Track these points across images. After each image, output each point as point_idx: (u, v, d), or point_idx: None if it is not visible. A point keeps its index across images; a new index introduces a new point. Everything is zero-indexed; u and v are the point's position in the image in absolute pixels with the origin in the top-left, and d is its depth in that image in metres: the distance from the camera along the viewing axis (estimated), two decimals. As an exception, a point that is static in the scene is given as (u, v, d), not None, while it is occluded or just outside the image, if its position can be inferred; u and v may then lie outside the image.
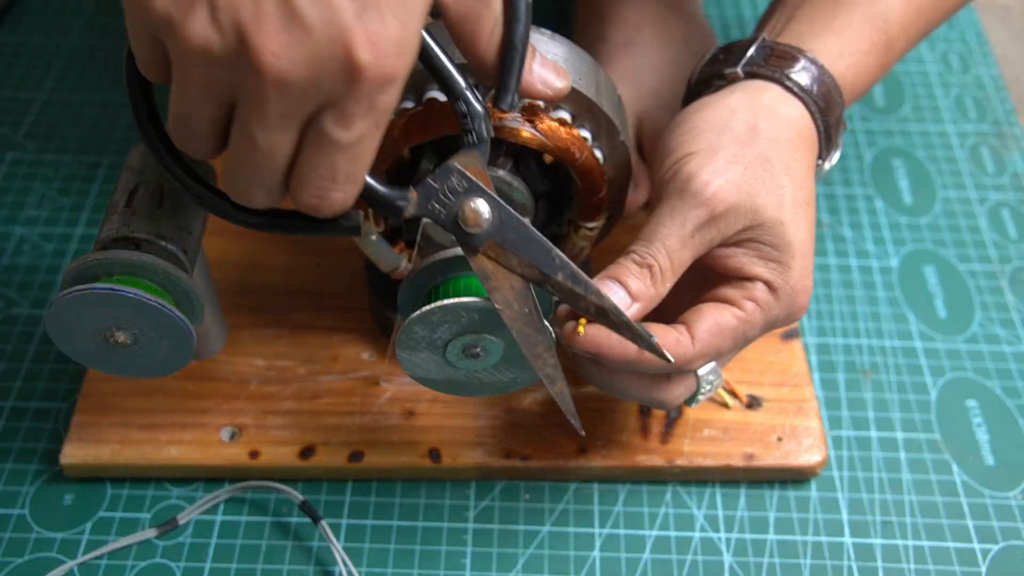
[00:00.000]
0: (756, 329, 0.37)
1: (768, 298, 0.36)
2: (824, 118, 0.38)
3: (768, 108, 0.37)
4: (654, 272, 0.35)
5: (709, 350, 0.36)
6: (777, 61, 0.38)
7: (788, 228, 0.35)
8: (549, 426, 0.45)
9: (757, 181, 0.35)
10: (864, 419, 0.47)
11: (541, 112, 0.36)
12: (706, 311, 0.36)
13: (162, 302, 0.36)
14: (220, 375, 0.46)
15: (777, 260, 0.36)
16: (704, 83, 0.41)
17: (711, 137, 0.36)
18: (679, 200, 0.35)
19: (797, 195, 0.36)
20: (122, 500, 0.44)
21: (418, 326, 0.35)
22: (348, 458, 0.44)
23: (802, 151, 0.37)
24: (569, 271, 0.33)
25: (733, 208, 0.35)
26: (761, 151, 0.36)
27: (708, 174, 0.35)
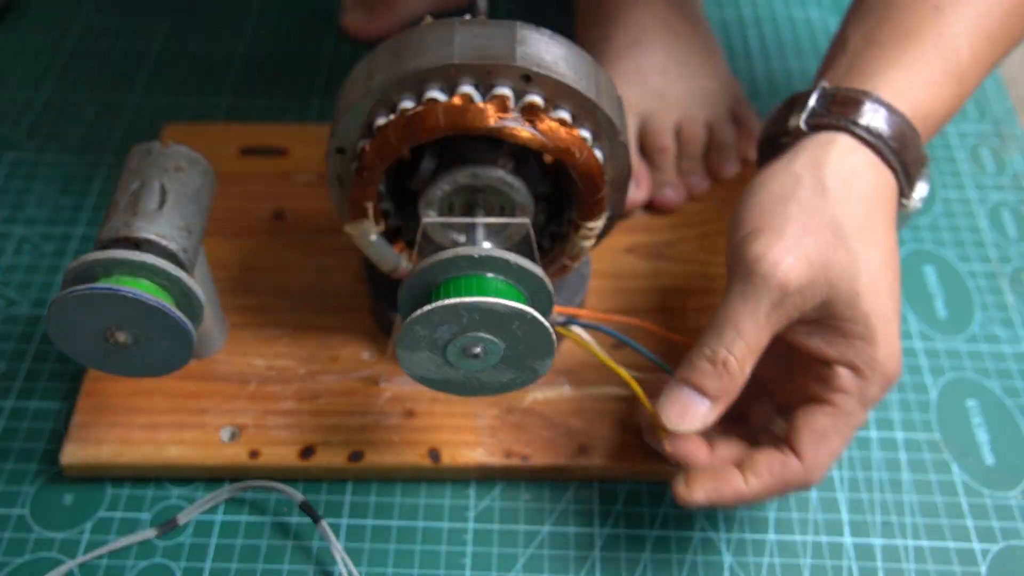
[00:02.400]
0: (857, 416, 0.35)
1: (857, 384, 0.35)
2: (900, 158, 0.37)
3: (836, 164, 0.36)
4: (730, 366, 0.34)
5: (822, 463, 0.35)
6: (840, 108, 0.37)
7: (864, 299, 0.34)
8: (549, 426, 0.45)
9: (829, 252, 0.34)
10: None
11: (541, 112, 0.36)
12: (801, 423, 0.35)
13: (162, 302, 0.36)
14: (220, 375, 0.46)
15: (859, 336, 0.34)
16: (770, 141, 0.39)
17: (777, 209, 0.35)
18: (750, 284, 0.34)
19: (872, 259, 0.35)
20: (122, 500, 0.44)
21: (418, 326, 0.35)
22: (348, 458, 0.44)
23: (878, 203, 0.36)
24: None
25: (808, 284, 0.34)
26: (831, 217, 0.34)
27: (778, 253, 0.34)
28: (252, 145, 0.57)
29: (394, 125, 0.37)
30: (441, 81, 0.36)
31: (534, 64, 0.36)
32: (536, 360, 0.36)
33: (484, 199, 0.40)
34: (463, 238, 0.41)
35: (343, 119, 0.38)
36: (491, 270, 0.35)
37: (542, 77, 0.36)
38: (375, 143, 0.37)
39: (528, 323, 0.35)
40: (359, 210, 0.40)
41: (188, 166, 0.41)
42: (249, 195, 0.54)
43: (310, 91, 0.63)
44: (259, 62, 0.65)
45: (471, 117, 0.36)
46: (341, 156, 0.40)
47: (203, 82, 0.64)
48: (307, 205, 0.54)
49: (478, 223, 0.40)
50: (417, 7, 0.64)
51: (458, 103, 0.36)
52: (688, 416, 0.35)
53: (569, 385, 0.46)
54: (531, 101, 0.36)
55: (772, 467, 0.35)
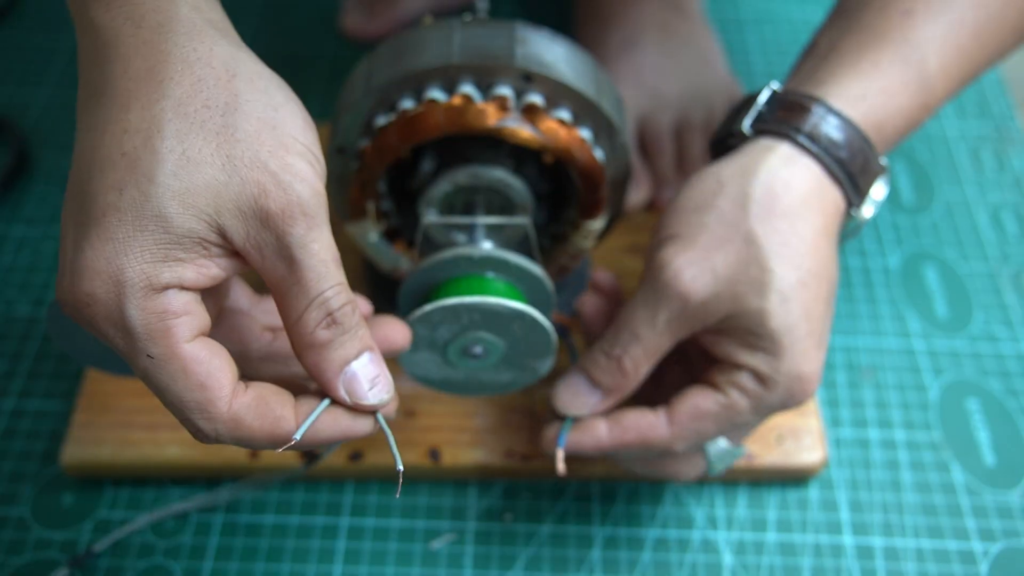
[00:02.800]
0: (744, 415, 0.35)
1: (756, 387, 0.34)
2: (846, 168, 0.35)
3: (766, 174, 0.34)
4: (624, 366, 0.35)
5: (688, 433, 0.35)
6: (785, 114, 0.35)
7: (772, 317, 0.33)
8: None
9: (739, 266, 0.33)
10: (864, 419, 0.47)
11: (541, 112, 0.36)
12: (689, 395, 0.35)
13: None
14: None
15: (765, 350, 0.34)
16: (720, 142, 0.38)
17: (693, 218, 0.34)
18: (652, 289, 0.34)
19: (787, 277, 0.33)
20: (122, 500, 0.44)
21: (418, 326, 0.35)
22: (348, 458, 0.44)
23: (804, 219, 0.34)
24: None
25: (712, 298, 0.33)
26: (748, 230, 0.33)
27: (683, 263, 0.33)
28: (252, 145, 0.57)
29: (394, 125, 0.37)
30: (441, 81, 0.36)
31: (534, 64, 0.36)
32: (536, 360, 0.36)
33: (484, 199, 0.40)
34: (463, 238, 0.41)
35: (343, 119, 0.38)
36: (491, 270, 0.35)
37: (542, 77, 0.36)
38: (375, 143, 0.37)
39: (528, 323, 0.35)
40: (359, 210, 0.40)
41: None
42: (249, 195, 0.54)
43: (310, 91, 0.63)
44: (259, 62, 0.65)
45: (471, 117, 0.36)
46: (341, 156, 0.39)
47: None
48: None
49: (478, 223, 0.40)
50: (417, 7, 0.64)
51: (458, 103, 0.36)
52: (578, 403, 0.36)
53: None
54: (531, 101, 0.36)
55: (639, 423, 0.35)
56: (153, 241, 0.26)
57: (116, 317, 0.26)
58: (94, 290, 0.26)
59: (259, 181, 0.26)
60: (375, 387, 0.29)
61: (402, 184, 0.42)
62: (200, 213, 0.26)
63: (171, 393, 0.27)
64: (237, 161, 0.26)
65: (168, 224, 0.26)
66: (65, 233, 0.27)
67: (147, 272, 0.26)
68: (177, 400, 0.27)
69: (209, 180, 0.26)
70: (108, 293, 0.26)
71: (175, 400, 0.27)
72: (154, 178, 0.26)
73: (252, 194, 0.26)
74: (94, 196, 0.26)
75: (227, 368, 0.27)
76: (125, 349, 0.26)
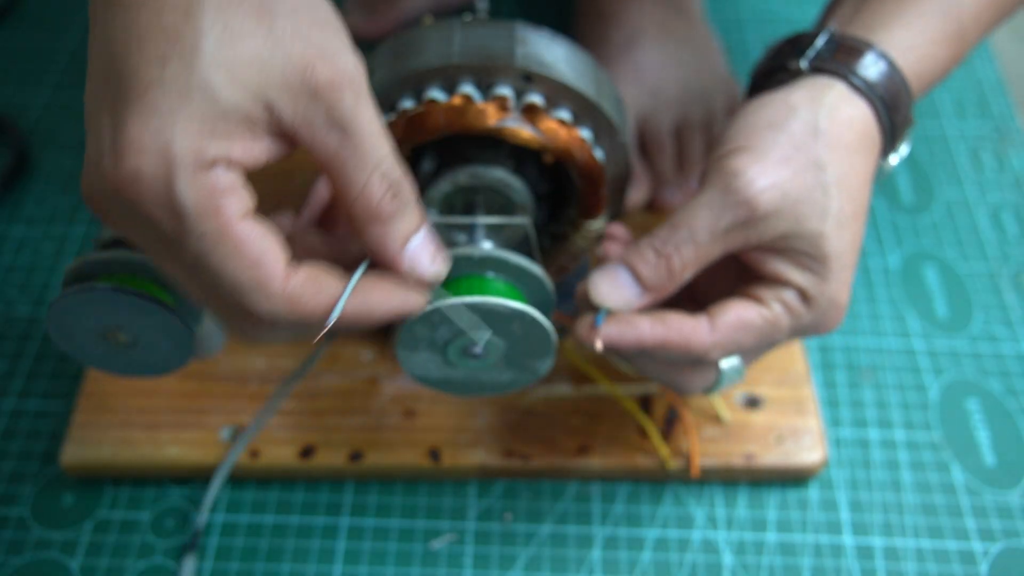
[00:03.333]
0: (782, 332, 0.35)
1: (799, 305, 0.35)
2: (891, 116, 0.36)
3: (831, 108, 0.35)
4: (673, 265, 0.34)
5: (727, 343, 0.35)
6: (844, 56, 0.36)
7: (828, 241, 0.34)
8: (549, 426, 0.45)
9: (805, 188, 0.34)
10: (864, 419, 0.47)
11: (541, 112, 0.36)
12: (732, 305, 0.35)
13: (162, 302, 0.36)
14: (220, 375, 0.46)
15: (816, 272, 0.34)
16: (766, 75, 0.39)
17: (767, 134, 0.35)
18: (720, 194, 0.34)
19: (845, 208, 0.34)
20: (122, 500, 0.44)
21: (418, 326, 0.35)
22: (348, 458, 0.44)
23: (862, 156, 0.36)
24: None
25: (775, 213, 0.34)
26: (816, 156, 0.34)
27: (755, 173, 0.34)
28: (252, 145, 0.57)
29: (394, 125, 0.37)
30: (441, 81, 0.36)
31: (534, 64, 0.36)
32: (536, 360, 0.37)
33: (484, 199, 0.40)
34: (463, 238, 0.41)
35: (343, 119, 0.38)
36: (491, 270, 0.35)
37: (542, 77, 0.36)
38: (375, 143, 0.37)
39: (528, 323, 0.35)
40: (359, 210, 0.40)
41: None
42: (249, 195, 0.54)
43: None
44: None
45: (471, 117, 0.36)
46: (341, 156, 0.39)
47: (203, 82, 0.64)
48: (307, 205, 0.54)
49: (478, 223, 0.40)
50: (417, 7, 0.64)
51: (458, 103, 0.36)
52: (616, 295, 0.35)
53: (569, 385, 0.46)
54: (531, 101, 0.36)
55: (682, 325, 0.34)
56: (200, 114, 0.25)
57: (165, 194, 0.25)
58: (140, 166, 0.25)
59: (304, 54, 0.26)
60: (435, 260, 0.29)
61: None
62: (247, 87, 0.25)
63: (224, 274, 0.25)
64: (280, 34, 0.26)
65: (215, 96, 0.25)
66: (97, 117, 0.26)
67: (195, 146, 0.25)
68: (231, 281, 0.26)
69: (254, 53, 0.25)
70: (156, 168, 0.25)
71: (229, 281, 0.25)
72: (198, 48, 0.25)
73: (298, 67, 0.26)
74: (132, 72, 0.25)
75: (279, 246, 0.27)
76: (173, 230, 0.25)
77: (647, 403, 0.45)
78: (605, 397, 0.45)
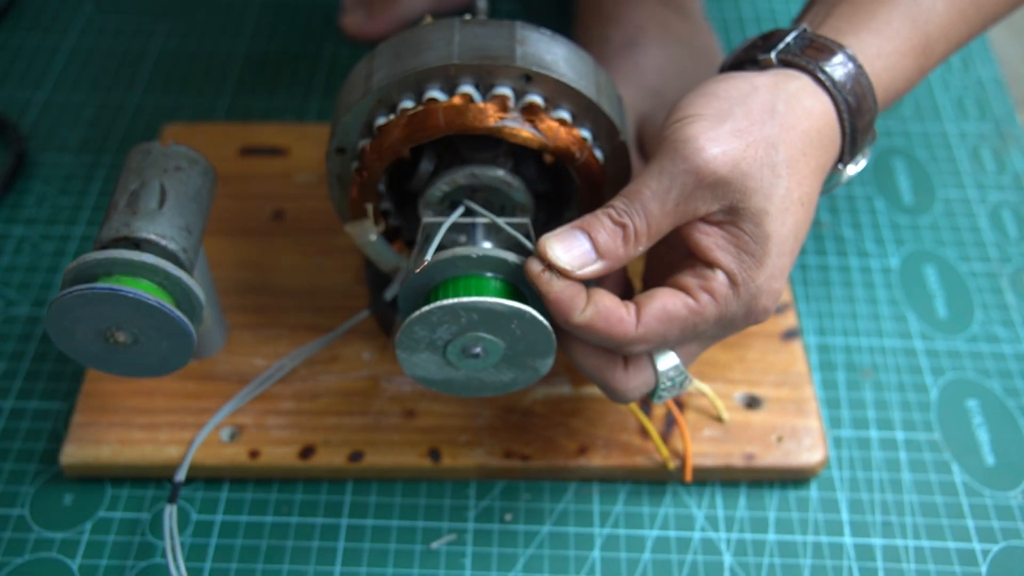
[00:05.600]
0: (708, 324, 0.35)
1: (727, 292, 0.34)
2: (852, 119, 0.36)
3: (792, 95, 0.36)
4: (627, 233, 0.34)
5: (652, 336, 0.34)
6: (814, 53, 0.37)
7: (771, 221, 0.34)
8: (549, 426, 0.45)
9: (755, 163, 0.34)
10: (864, 419, 0.47)
11: (541, 112, 0.37)
12: (658, 295, 0.35)
13: (162, 302, 0.36)
14: (220, 375, 0.46)
15: (750, 252, 0.34)
16: (736, 67, 0.39)
17: (723, 105, 0.35)
18: (670, 161, 0.34)
19: (792, 191, 0.35)
20: (122, 500, 0.44)
21: (418, 326, 0.35)
22: (348, 458, 0.44)
23: (815, 148, 0.36)
24: None
25: (722, 182, 0.33)
26: (770, 134, 0.34)
27: (707, 140, 0.33)
28: (252, 145, 0.57)
29: (394, 125, 0.37)
30: (441, 81, 0.36)
31: (534, 64, 0.36)
32: (537, 359, 0.37)
33: (484, 199, 0.40)
34: (463, 238, 0.41)
35: (343, 119, 0.38)
36: (490, 270, 0.35)
37: (542, 77, 0.36)
38: (375, 143, 0.37)
39: (527, 322, 0.35)
40: (359, 210, 0.40)
41: (188, 166, 0.41)
42: (249, 195, 0.54)
43: (310, 91, 0.63)
44: (259, 62, 0.65)
45: (471, 117, 0.36)
46: (341, 156, 0.40)
47: (203, 82, 0.64)
48: (307, 205, 0.54)
49: (478, 223, 0.40)
50: (417, 7, 0.64)
51: (458, 103, 0.36)
52: (568, 255, 0.34)
53: (570, 385, 0.46)
54: (531, 101, 0.36)
55: (609, 311, 0.34)
56: None
57: None
58: None
59: None
60: None
61: (402, 184, 0.42)
62: None
63: None
64: None
65: None
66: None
67: None
68: None
69: None
70: None
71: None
72: None
73: None
74: None
75: None
76: None
77: (647, 403, 0.45)
78: (605, 397, 0.45)
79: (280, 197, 0.54)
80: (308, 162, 0.56)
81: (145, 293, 0.36)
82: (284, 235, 0.53)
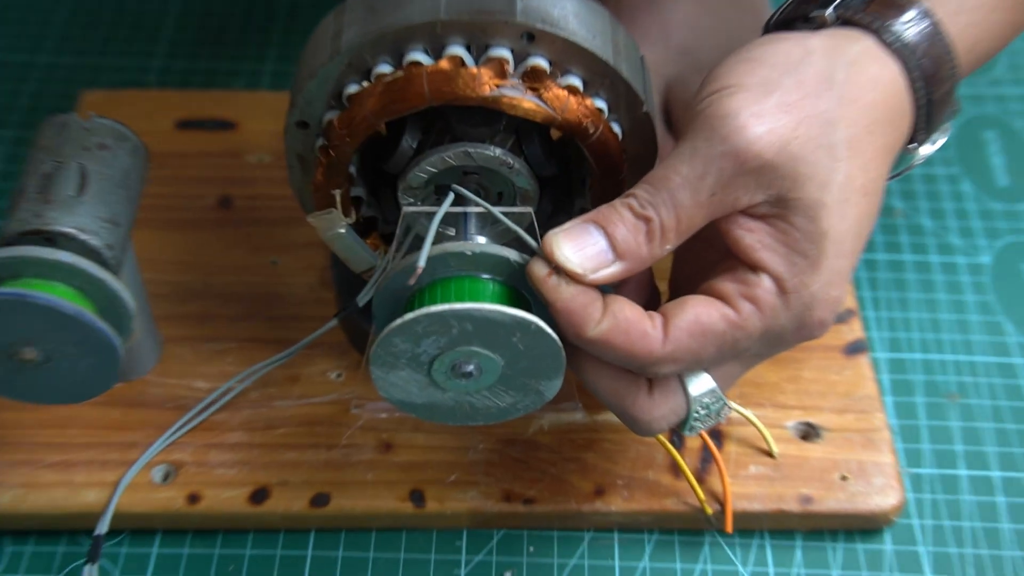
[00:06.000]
0: (751, 339, 0.35)
1: (774, 301, 0.34)
2: (927, 89, 0.36)
3: (852, 62, 0.35)
4: (652, 228, 0.34)
5: (682, 354, 0.34)
6: (879, 8, 0.36)
7: (828, 215, 0.34)
8: (558, 462, 0.45)
9: (808, 144, 0.34)
10: (950, 453, 0.47)
11: (547, 78, 0.37)
12: (690, 304, 0.35)
13: (82, 310, 0.37)
14: (152, 400, 0.47)
15: (802, 253, 0.34)
16: (784, 25, 0.39)
17: (770, 74, 0.35)
18: (705, 141, 0.34)
19: (854, 177, 0.34)
20: (24, 559, 0.44)
21: (397, 338, 0.35)
22: (310, 502, 0.44)
23: (882, 126, 0.36)
24: None
25: (768, 168, 0.33)
26: (827, 110, 0.34)
27: (750, 116, 0.33)
28: (192, 117, 0.57)
29: (368, 94, 0.37)
30: (425, 41, 0.37)
31: (538, 20, 0.37)
32: (542, 380, 0.37)
33: (477, 184, 0.40)
34: (452, 231, 0.42)
35: (305, 86, 0.39)
36: (486, 270, 0.36)
37: (548, 36, 0.37)
38: (345, 116, 0.38)
39: (532, 334, 0.35)
40: (325, 197, 0.41)
41: (113, 143, 0.41)
42: (189, 178, 0.55)
43: (264, 51, 0.64)
44: (200, 14, 0.65)
45: (461, 84, 0.37)
46: (303, 131, 0.40)
47: (131, 39, 0.64)
48: (260, 191, 0.54)
49: (471, 212, 0.40)
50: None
51: (446, 67, 0.37)
52: (579, 255, 0.34)
53: (582, 411, 0.47)
54: (534, 65, 0.37)
55: (631, 327, 0.34)
56: None
57: None
58: None
59: None
60: None
61: (377, 166, 0.42)
62: None
63: None
64: None
65: None
66: None
67: None
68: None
69: None
70: None
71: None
72: None
73: None
74: None
75: None
76: None
77: (678, 435, 0.46)
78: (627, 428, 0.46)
79: (227, 181, 0.55)
80: (261, 138, 0.56)
81: (61, 299, 0.36)
82: (232, 227, 0.53)
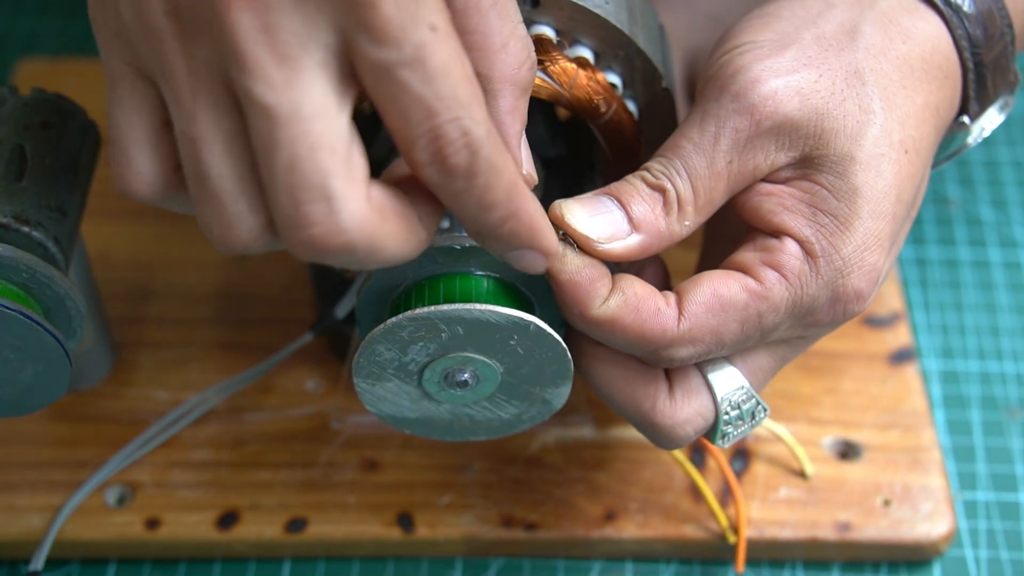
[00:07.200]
0: (778, 313, 0.34)
1: (800, 267, 0.34)
2: (976, 51, 0.36)
3: (882, 14, 0.36)
4: (668, 199, 0.34)
5: (701, 332, 0.34)
6: None
7: (861, 168, 0.34)
8: (564, 483, 0.46)
9: (834, 97, 0.34)
10: (1010, 476, 0.48)
11: (552, 50, 0.37)
12: (706, 279, 0.34)
13: (26, 311, 0.37)
14: (105, 414, 0.47)
15: (830, 212, 0.34)
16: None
17: (786, 27, 0.35)
18: (715, 102, 0.34)
19: (891, 131, 0.34)
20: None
21: (381, 346, 0.35)
22: (285, 527, 0.45)
23: (921, 83, 0.35)
24: None
25: (788, 125, 0.34)
26: (853, 62, 0.35)
27: (763, 70, 0.34)
28: (149, 91, 0.58)
29: (348, 66, 0.38)
30: (413, 5, 0.37)
31: (542, -19, 0.37)
32: (548, 387, 0.37)
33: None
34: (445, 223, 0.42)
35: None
36: (480, 266, 0.36)
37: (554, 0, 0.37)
38: (322, 90, 0.38)
39: (532, 337, 0.35)
40: (300, 183, 0.41)
41: (59, 121, 0.41)
42: (145, 162, 0.55)
43: (230, 15, 0.64)
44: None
45: (455, 54, 0.37)
46: (275, 108, 0.40)
47: None
48: (227, 176, 0.55)
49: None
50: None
51: (437, 35, 0.37)
52: (595, 222, 0.34)
53: (592, 425, 0.47)
54: (539, 34, 0.37)
55: (641, 303, 0.33)
56: None
57: None
58: None
59: None
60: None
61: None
62: None
63: (446, 83, 0.27)
64: None
65: None
66: None
67: None
68: (450, 93, 0.27)
69: None
70: None
71: (449, 93, 0.27)
72: None
73: None
74: None
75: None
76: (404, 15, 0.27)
77: (699, 450, 0.46)
78: (641, 442, 0.46)
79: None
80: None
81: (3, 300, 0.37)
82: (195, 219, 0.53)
